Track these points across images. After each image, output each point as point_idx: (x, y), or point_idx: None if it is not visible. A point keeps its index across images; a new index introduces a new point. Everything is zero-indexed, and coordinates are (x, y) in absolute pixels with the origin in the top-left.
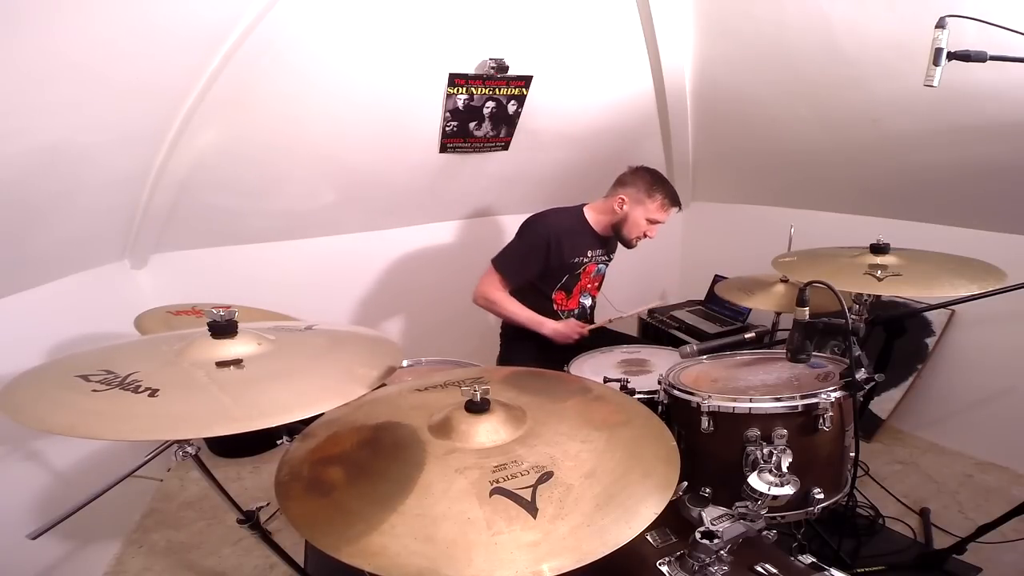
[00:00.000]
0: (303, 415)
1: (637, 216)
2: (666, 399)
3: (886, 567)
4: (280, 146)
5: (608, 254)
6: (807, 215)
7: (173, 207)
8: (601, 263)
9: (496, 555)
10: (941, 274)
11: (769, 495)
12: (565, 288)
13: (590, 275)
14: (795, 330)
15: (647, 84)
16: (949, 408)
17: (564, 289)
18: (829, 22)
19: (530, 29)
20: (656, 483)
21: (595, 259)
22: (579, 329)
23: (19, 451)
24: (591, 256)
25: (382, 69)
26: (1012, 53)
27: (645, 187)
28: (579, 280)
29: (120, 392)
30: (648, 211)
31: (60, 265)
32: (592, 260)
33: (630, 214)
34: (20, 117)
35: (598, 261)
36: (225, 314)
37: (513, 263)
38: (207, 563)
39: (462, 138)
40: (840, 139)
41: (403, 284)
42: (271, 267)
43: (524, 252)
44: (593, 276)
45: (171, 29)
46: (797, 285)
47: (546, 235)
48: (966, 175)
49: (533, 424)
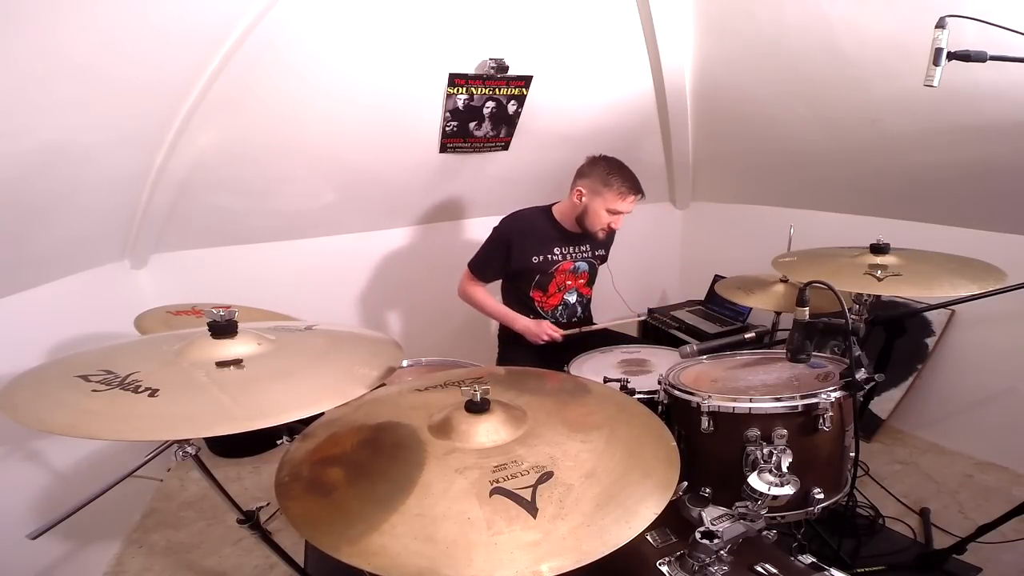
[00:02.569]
0: (303, 415)
1: (596, 207)
2: (666, 399)
3: (886, 567)
4: (280, 146)
5: (594, 250)
6: (807, 215)
7: (173, 207)
8: (581, 260)
9: (496, 555)
10: (941, 274)
11: (769, 495)
12: (540, 287)
13: (567, 272)
14: (795, 330)
15: (647, 84)
16: (949, 408)
17: (539, 288)
18: (829, 22)
19: (530, 29)
20: (656, 483)
21: (569, 256)
22: (549, 331)
23: (19, 451)
24: (561, 254)
25: (382, 69)
26: (1012, 53)
27: (601, 176)
28: (553, 278)
29: (120, 392)
30: (606, 201)
31: (60, 265)
32: (565, 258)
33: (589, 205)
34: (20, 116)
35: (575, 258)
36: (225, 314)
37: (479, 263)
38: (207, 563)
39: (462, 138)
40: (840, 139)
41: (403, 284)
42: (271, 267)
43: (487, 252)
44: (572, 272)
45: (171, 29)
46: (797, 285)
47: (507, 237)
48: (966, 175)
49: (533, 424)
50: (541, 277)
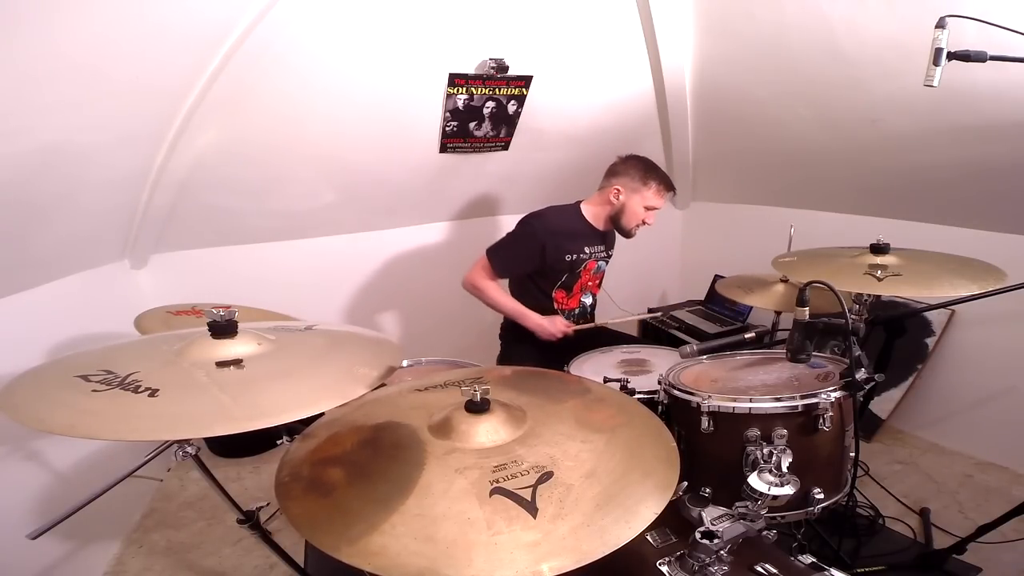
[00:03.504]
0: (303, 415)
1: (634, 204)
2: (666, 399)
3: (886, 567)
4: (280, 146)
5: (608, 250)
6: (807, 215)
7: (173, 207)
8: (601, 260)
9: (496, 555)
10: (941, 274)
11: (769, 495)
12: (565, 286)
13: (590, 272)
14: (795, 330)
15: (647, 84)
16: (949, 408)
17: (564, 287)
18: (829, 22)
19: (530, 29)
20: (656, 483)
21: (595, 256)
22: (564, 328)
23: (19, 451)
24: (590, 253)
25: (382, 69)
26: (1012, 53)
27: (639, 175)
28: (579, 278)
29: (120, 392)
30: (645, 198)
31: (60, 265)
32: (592, 257)
33: (627, 203)
34: (20, 117)
35: (598, 258)
36: (225, 314)
37: (505, 257)
38: (207, 563)
39: (462, 138)
40: (840, 139)
41: (403, 284)
42: (271, 267)
43: (517, 249)
44: (594, 273)
45: (171, 29)
46: (797, 285)
47: (543, 236)
48: (966, 175)
49: (533, 424)
50: (569, 276)
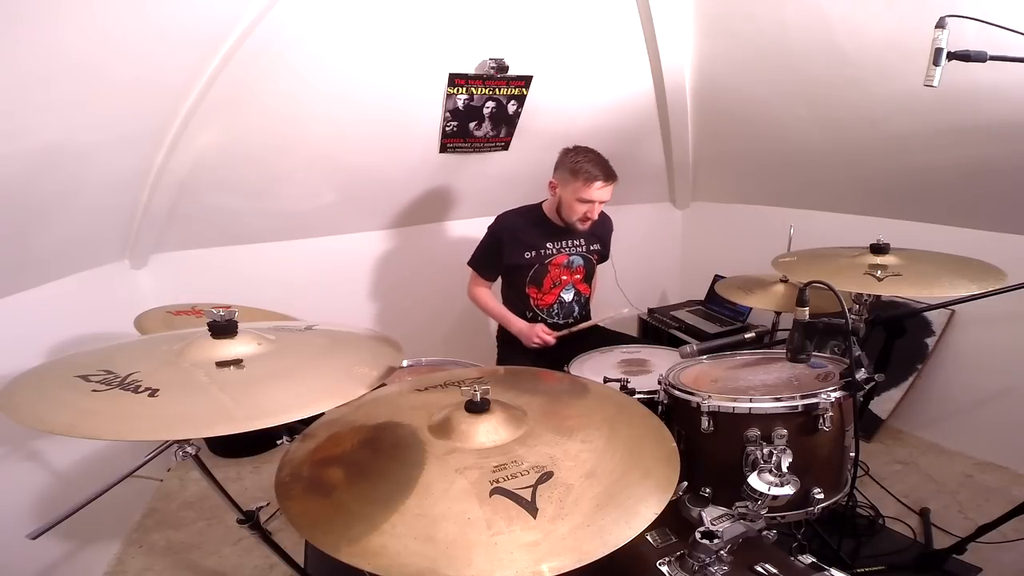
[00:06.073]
0: (303, 415)
1: (568, 197)
2: (666, 399)
3: (886, 567)
4: (280, 146)
5: (586, 244)
6: (807, 215)
7: (173, 207)
8: (575, 254)
9: (496, 555)
10: (941, 274)
11: (769, 495)
12: (535, 282)
13: (560, 266)
14: (795, 330)
15: (647, 84)
16: (949, 408)
17: (534, 283)
18: (829, 22)
19: (530, 29)
20: (656, 483)
21: (563, 250)
22: (542, 335)
23: (19, 451)
24: (554, 248)
25: (382, 69)
26: (1012, 53)
27: (570, 166)
28: (548, 272)
29: (120, 392)
30: (576, 190)
31: (60, 265)
32: (559, 252)
33: (563, 196)
34: (21, 116)
35: (569, 252)
36: (225, 314)
37: (479, 261)
38: (207, 563)
39: (462, 138)
40: (840, 139)
41: (403, 284)
42: (271, 267)
43: (484, 251)
44: (567, 267)
45: (172, 28)
46: (797, 285)
47: (499, 234)
48: (966, 175)
49: (533, 424)
50: (535, 272)
